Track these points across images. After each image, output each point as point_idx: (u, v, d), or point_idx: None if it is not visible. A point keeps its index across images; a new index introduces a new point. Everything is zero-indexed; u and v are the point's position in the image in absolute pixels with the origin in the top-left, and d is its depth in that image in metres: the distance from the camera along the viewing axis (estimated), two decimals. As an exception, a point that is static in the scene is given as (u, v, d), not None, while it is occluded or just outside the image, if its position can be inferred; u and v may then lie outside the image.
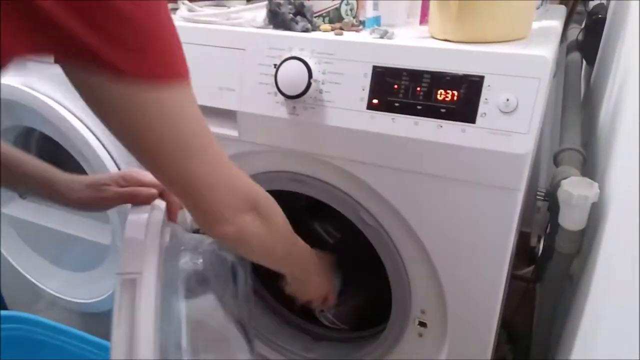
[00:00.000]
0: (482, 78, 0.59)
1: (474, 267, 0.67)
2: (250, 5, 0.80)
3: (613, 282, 0.51)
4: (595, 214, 0.64)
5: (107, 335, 0.88)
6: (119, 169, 0.91)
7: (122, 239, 0.57)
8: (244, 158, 0.77)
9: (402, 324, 0.77)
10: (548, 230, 0.82)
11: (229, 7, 0.79)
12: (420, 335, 0.77)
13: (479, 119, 0.59)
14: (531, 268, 1.26)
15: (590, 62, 1.15)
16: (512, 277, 1.07)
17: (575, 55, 1.12)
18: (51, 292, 1.17)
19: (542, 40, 0.65)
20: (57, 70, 0.41)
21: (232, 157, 0.77)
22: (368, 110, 0.65)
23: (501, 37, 0.62)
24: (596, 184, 0.62)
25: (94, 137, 0.89)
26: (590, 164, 0.78)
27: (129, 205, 0.61)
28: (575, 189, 0.61)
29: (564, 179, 0.64)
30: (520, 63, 0.57)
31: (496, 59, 0.58)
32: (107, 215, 0.98)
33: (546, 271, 0.75)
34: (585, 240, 0.67)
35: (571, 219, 0.64)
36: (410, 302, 0.75)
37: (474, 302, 0.69)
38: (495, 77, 0.58)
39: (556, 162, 0.75)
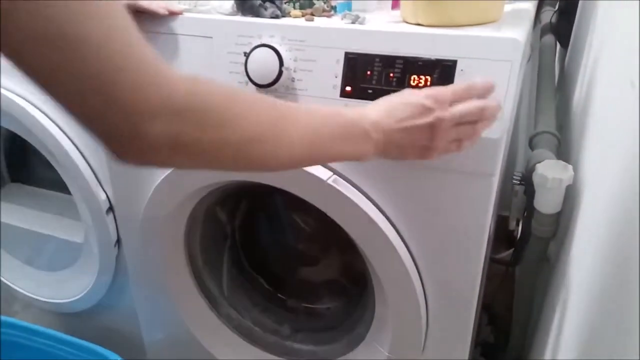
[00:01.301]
0: (454, 62, 0.58)
1: (452, 252, 0.66)
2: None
3: (587, 264, 0.51)
4: (571, 196, 0.64)
5: (83, 335, 0.87)
6: (89, 164, 0.88)
7: None
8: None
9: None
10: (525, 213, 0.82)
11: (195, -5, 0.76)
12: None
13: (452, 104, 0.58)
14: (510, 251, 1.27)
15: (564, 44, 1.15)
16: (492, 261, 1.07)
17: (550, 38, 1.12)
18: (26, 293, 1.14)
19: (514, 22, 0.64)
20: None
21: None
22: (341, 98, 0.64)
23: (473, 21, 0.62)
24: (570, 167, 0.62)
25: (61, 133, 0.86)
26: (565, 147, 0.79)
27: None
28: (549, 172, 0.61)
29: (539, 162, 0.64)
30: (492, 46, 0.56)
31: (468, 43, 0.57)
32: (78, 213, 0.95)
33: (524, 254, 0.75)
34: (561, 223, 0.67)
35: (546, 203, 0.64)
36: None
37: (454, 287, 0.69)
38: (467, 61, 0.57)
39: (531, 145, 0.75)
